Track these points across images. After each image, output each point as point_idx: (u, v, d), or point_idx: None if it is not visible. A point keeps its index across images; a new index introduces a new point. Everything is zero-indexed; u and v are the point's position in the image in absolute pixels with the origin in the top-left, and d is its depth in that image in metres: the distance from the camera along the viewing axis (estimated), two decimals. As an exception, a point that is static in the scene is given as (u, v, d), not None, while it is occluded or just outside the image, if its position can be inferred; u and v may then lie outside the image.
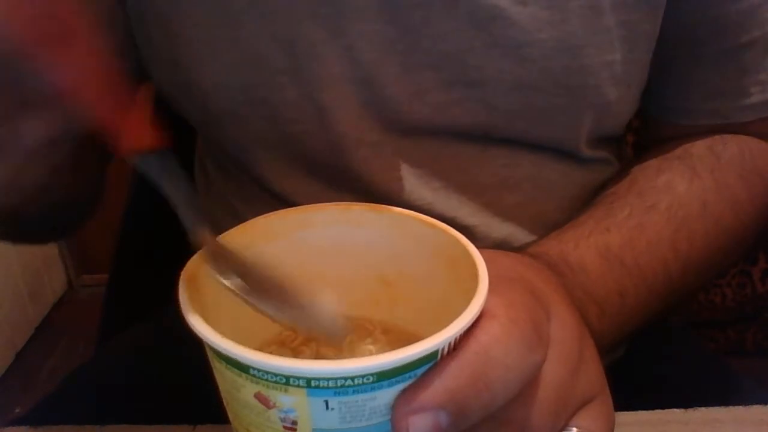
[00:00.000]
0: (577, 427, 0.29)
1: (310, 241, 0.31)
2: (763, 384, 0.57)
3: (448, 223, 0.50)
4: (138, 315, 0.65)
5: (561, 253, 0.42)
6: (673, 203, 0.48)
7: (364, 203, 0.32)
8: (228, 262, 0.28)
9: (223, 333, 0.24)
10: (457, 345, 0.25)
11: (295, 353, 0.31)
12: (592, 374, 0.31)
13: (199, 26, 0.47)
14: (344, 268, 0.32)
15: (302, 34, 0.46)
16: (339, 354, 0.31)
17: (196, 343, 0.25)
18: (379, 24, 0.45)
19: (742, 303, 1.22)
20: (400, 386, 0.24)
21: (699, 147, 0.52)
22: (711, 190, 0.49)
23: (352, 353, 0.31)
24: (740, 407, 0.39)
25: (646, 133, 0.59)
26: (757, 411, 0.39)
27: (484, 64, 0.46)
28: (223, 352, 0.23)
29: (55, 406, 0.54)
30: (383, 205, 0.31)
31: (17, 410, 1.40)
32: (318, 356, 0.31)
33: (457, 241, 0.29)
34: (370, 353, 0.31)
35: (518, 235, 0.51)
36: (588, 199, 0.54)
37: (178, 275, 0.27)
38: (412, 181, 0.50)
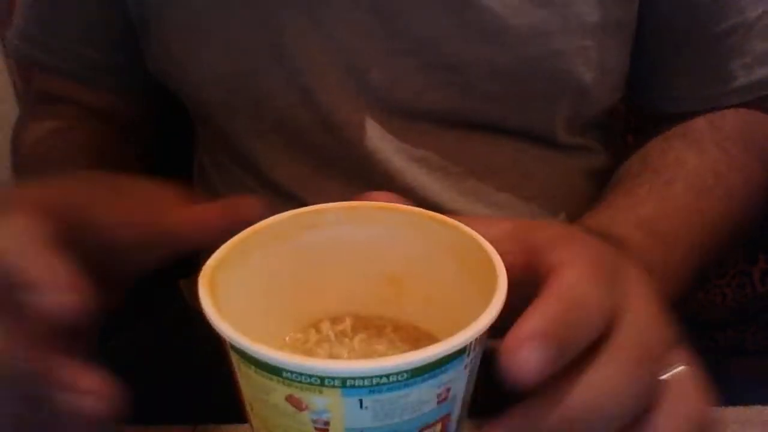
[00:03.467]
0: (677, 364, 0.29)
1: (318, 240, 0.31)
2: (763, 384, 0.57)
3: (432, 208, 0.50)
4: (138, 315, 0.65)
5: (600, 228, 0.42)
6: (688, 176, 0.48)
7: (370, 202, 0.32)
8: None
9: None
10: (538, 293, 0.25)
11: (309, 354, 0.31)
12: (669, 327, 0.30)
13: (188, 18, 0.48)
14: (352, 267, 0.32)
15: (285, 21, 0.47)
16: (351, 354, 0.31)
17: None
18: (359, 12, 0.46)
19: (742, 303, 1.22)
20: (431, 382, 0.24)
21: (699, 122, 0.53)
22: (720, 161, 0.50)
23: (363, 352, 0.31)
24: (740, 407, 0.39)
25: (643, 130, 0.60)
26: (757, 411, 0.39)
27: (459, 49, 0.47)
28: (255, 355, 0.23)
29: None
30: (390, 204, 0.31)
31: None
32: (332, 357, 0.31)
33: (470, 238, 0.29)
34: (383, 352, 0.31)
35: None
36: (571, 186, 0.55)
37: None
38: (398, 165, 0.50)
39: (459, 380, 0.25)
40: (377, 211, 0.31)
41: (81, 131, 0.55)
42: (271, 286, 0.30)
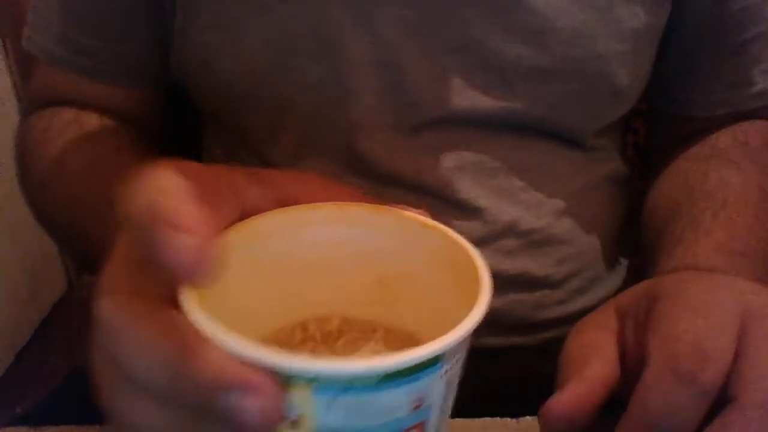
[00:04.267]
0: None
1: (307, 240, 0.31)
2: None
3: (460, 204, 0.51)
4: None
5: (689, 267, 0.43)
6: (737, 193, 0.49)
7: (360, 203, 0.31)
8: None
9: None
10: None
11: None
12: None
13: (225, 9, 0.48)
14: (341, 268, 0.32)
15: (327, 17, 0.47)
16: (334, 355, 0.31)
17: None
18: (403, 8, 0.46)
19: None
20: (404, 388, 0.24)
21: (723, 140, 0.54)
22: (760, 174, 0.51)
23: (348, 355, 0.31)
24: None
25: (660, 133, 0.62)
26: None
27: (503, 49, 0.47)
28: (228, 348, 0.23)
29: (55, 406, 0.54)
30: (380, 206, 0.31)
31: (17, 410, 1.39)
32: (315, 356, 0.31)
33: (457, 243, 0.29)
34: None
35: (527, 218, 0.52)
36: (593, 187, 0.56)
37: None
38: (426, 163, 0.50)
39: (435, 389, 0.25)
40: (366, 213, 0.31)
41: (103, 121, 0.54)
42: (258, 284, 0.30)
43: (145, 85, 0.57)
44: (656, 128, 0.64)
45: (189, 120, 0.62)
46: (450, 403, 0.27)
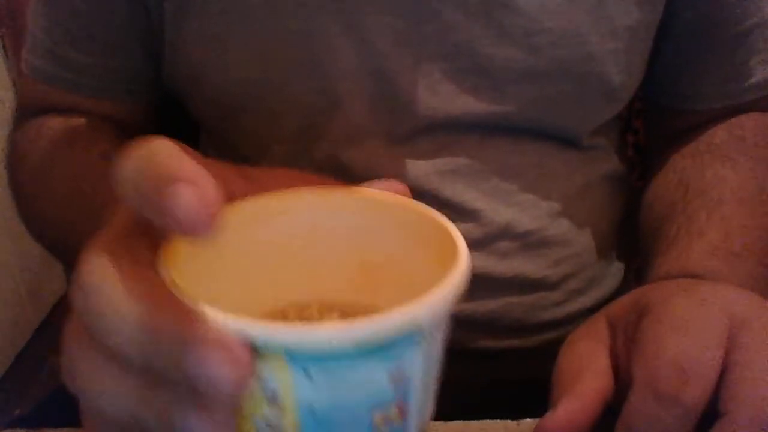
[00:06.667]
0: None
1: (289, 226, 0.31)
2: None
3: (455, 207, 0.51)
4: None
5: (682, 270, 0.43)
6: (733, 192, 0.49)
7: (342, 187, 0.31)
8: None
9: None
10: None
11: None
12: None
13: (213, 22, 0.48)
14: (324, 254, 0.31)
15: (317, 28, 0.46)
16: None
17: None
18: (392, 16, 0.46)
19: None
20: (380, 357, 0.23)
21: (719, 135, 0.54)
22: (757, 168, 0.51)
23: None
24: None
25: (657, 129, 0.61)
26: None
27: (494, 53, 0.47)
28: (205, 314, 0.23)
29: (55, 407, 0.54)
30: (361, 189, 0.31)
31: (17, 411, 1.39)
32: None
33: (437, 222, 0.29)
34: None
35: (523, 220, 0.52)
36: (589, 187, 0.55)
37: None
38: (419, 168, 0.50)
39: (412, 363, 0.25)
40: (348, 198, 0.31)
41: (91, 124, 0.54)
42: (237, 272, 0.30)
43: (136, 98, 0.57)
44: (652, 123, 0.63)
45: (185, 124, 0.61)
46: (433, 382, 0.27)
